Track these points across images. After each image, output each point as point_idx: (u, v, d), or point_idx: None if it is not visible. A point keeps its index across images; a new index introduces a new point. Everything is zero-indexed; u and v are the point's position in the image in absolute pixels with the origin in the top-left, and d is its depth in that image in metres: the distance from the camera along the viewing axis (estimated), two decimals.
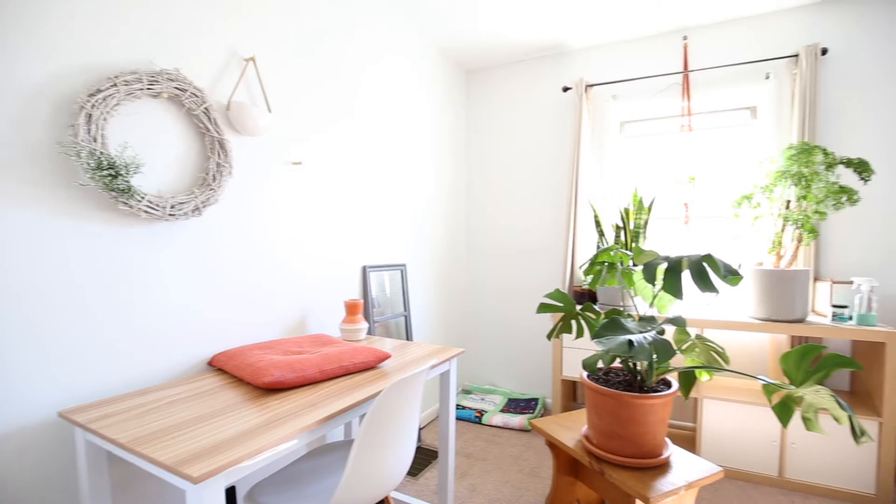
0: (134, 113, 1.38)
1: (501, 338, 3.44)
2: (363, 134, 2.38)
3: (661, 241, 2.90)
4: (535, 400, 3.18)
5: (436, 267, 3.11)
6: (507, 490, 2.21)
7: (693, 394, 2.44)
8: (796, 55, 2.47)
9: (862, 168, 2.01)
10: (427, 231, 3.00)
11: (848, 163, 2.04)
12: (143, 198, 1.33)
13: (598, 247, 2.74)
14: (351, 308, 1.94)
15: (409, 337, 2.66)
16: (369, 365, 1.55)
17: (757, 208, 2.27)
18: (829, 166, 2.09)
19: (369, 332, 2.33)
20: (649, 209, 2.54)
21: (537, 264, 3.28)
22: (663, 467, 1.56)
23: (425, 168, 2.96)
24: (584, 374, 1.66)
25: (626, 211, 2.55)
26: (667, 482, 1.48)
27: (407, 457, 1.36)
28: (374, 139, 2.47)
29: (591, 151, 3.03)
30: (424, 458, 2.53)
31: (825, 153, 2.10)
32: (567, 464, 1.88)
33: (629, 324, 1.38)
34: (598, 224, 2.71)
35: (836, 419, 1.28)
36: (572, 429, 1.89)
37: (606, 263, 1.70)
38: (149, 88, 1.36)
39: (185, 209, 1.45)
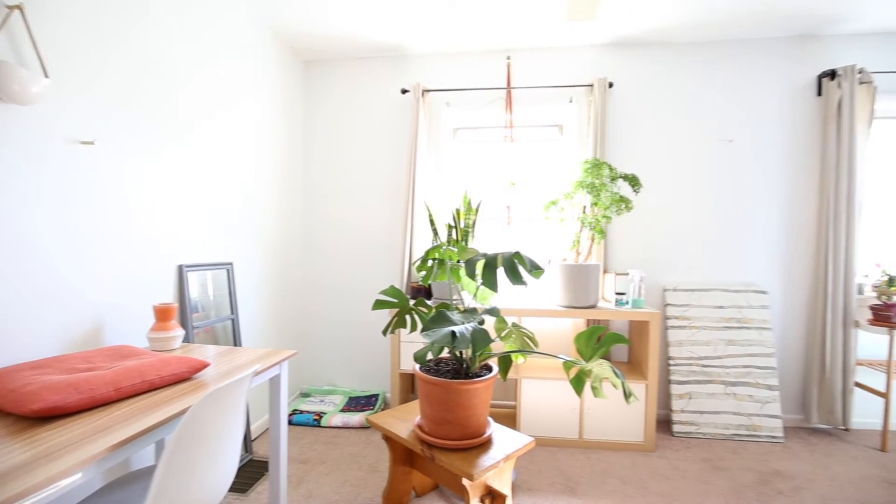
0: None
1: (342, 337, 3.39)
2: (177, 113, 2.11)
3: (488, 239, 3.19)
4: (376, 396, 3.22)
5: (269, 265, 2.91)
6: (345, 490, 2.19)
7: (514, 375, 2.75)
8: (591, 85, 2.96)
9: (634, 181, 2.51)
10: (259, 227, 2.79)
11: (625, 177, 2.53)
12: None
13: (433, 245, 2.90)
14: (161, 313, 1.70)
15: (237, 342, 2.44)
16: (182, 376, 1.38)
17: (562, 212, 2.65)
18: (613, 179, 2.55)
19: (187, 340, 2.08)
20: (477, 210, 2.77)
21: (377, 261, 3.32)
22: (486, 445, 1.73)
23: (258, 158, 2.75)
24: (417, 366, 1.74)
25: (458, 211, 2.74)
26: (489, 458, 1.64)
27: (227, 474, 1.25)
28: (190, 120, 2.20)
29: (427, 153, 3.17)
30: (256, 471, 2.36)
31: (610, 168, 2.56)
32: (402, 455, 1.95)
33: (454, 316, 1.49)
34: (432, 223, 2.86)
35: (614, 385, 1.57)
36: (407, 420, 1.96)
37: (437, 260, 1.81)
38: None
39: None
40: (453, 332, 1.33)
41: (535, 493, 2.18)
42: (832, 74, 2.81)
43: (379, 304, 1.77)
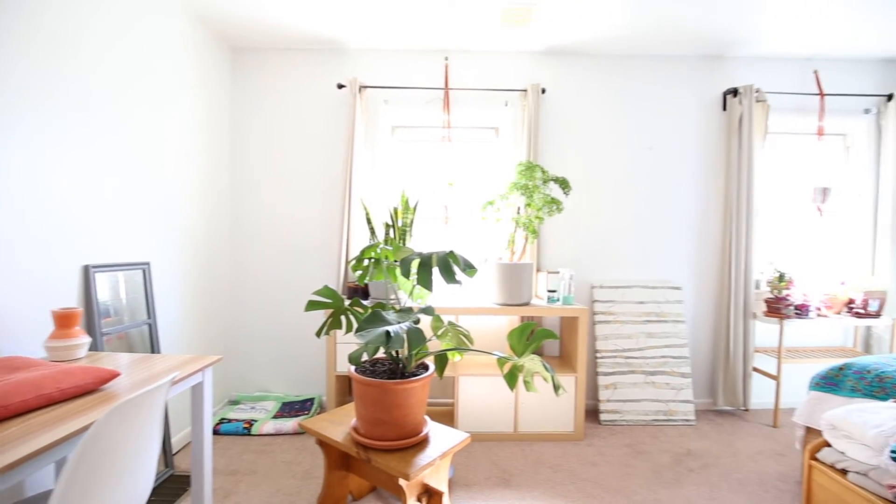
0: None
1: (274, 339, 3.24)
2: (80, 97, 1.91)
3: (427, 238, 3.20)
4: (311, 400, 3.11)
5: (192, 264, 2.73)
6: (277, 500, 2.10)
7: (451, 373, 2.78)
8: (525, 90, 3.05)
9: (564, 184, 2.62)
10: (180, 224, 2.60)
11: (556, 179, 2.63)
12: None
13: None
14: (61, 319, 1.53)
15: (155, 349, 2.26)
16: (87, 388, 1.25)
17: (498, 212, 2.72)
18: (545, 181, 2.65)
19: (95, 348, 1.89)
20: (415, 209, 2.77)
21: (312, 260, 3.21)
22: (423, 444, 1.73)
23: (178, 148, 2.56)
24: (352, 367, 1.70)
25: (395, 210, 2.72)
26: (425, 456, 1.64)
27: (140, 493, 1.15)
28: (97, 106, 2.00)
29: (364, 151, 3.12)
30: (179, 486, 2.20)
31: (542, 171, 2.65)
32: (338, 459, 1.90)
33: (390, 316, 1.47)
34: (369, 222, 2.81)
35: (545, 379, 1.63)
36: (342, 423, 1.91)
37: (373, 259, 1.78)
38: None
39: None
40: (388, 332, 1.32)
41: (471, 488, 2.21)
42: (734, 92, 3.11)
43: (312, 305, 1.71)
